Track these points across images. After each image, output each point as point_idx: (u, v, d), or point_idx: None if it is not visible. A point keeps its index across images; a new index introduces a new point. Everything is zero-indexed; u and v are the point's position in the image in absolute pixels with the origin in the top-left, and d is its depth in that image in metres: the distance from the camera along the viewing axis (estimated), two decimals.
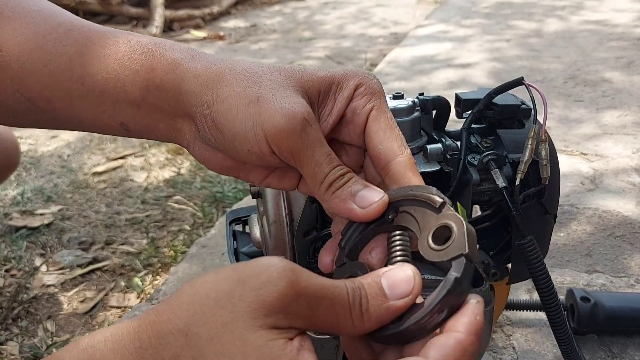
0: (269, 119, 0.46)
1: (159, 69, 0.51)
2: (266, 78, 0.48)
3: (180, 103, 0.51)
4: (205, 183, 1.86)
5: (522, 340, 0.96)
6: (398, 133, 0.49)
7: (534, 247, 0.68)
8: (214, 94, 0.48)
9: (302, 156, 0.47)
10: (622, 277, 1.11)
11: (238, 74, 0.49)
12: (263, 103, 0.46)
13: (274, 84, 0.48)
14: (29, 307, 1.32)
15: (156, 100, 0.51)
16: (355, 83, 0.50)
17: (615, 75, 2.27)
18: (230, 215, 0.87)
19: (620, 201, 1.37)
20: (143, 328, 0.37)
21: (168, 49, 0.52)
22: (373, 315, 0.38)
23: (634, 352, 0.92)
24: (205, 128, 0.50)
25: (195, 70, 0.50)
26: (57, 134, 2.36)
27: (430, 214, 0.43)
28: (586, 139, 1.73)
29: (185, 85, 0.50)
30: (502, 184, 0.69)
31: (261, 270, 0.36)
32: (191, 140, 0.52)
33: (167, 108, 0.51)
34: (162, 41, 0.53)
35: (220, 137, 0.49)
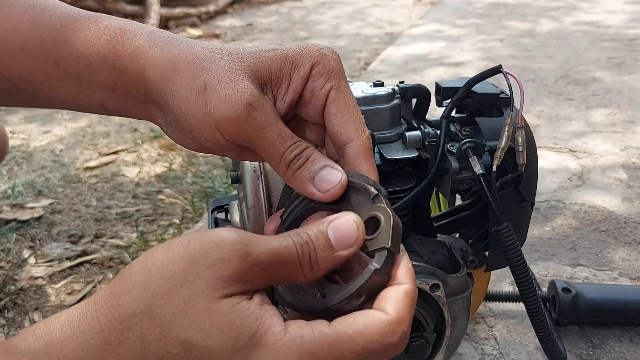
0: (215, 108, 0.46)
1: (124, 56, 0.51)
2: (214, 64, 0.48)
3: (147, 91, 0.51)
4: (196, 178, 1.87)
5: (504, 332, 0.97)
6: (356, 115, 0.48)
7: (510, 234, 0.69)
8: (170, 85, 0.49)
9: (254, 140, 0.47)
10: (605, 270, 1.11)
11: (189, 62, 0.48)
12: (209, 92, 0.47)
13: (221, 69, 0.48)
14: (16, 299, 1.32)
15: (126, 86, 0.52)
16: (311, 62, 0.48)
17: (606, 75, 2.28)
18: (213, 203, 0.88)
19: (606, 197, 1.38)
20: (102, 312, 0.37)
21: (132, 35, 0.51)
22: (322, 266, 0.40)
23: (614, 343, 0.93)
24: (167, 118, 0.51)
25: (155, 59, 0.50)
26: (50, 129, 2.37)
27: (365, 203, 0.45)
28: (575, 136, 1.74)
29: (147, 75, 0.50)
30: (480, 171, 0.69)
31: (211, 247, 0.37)
32: (164, 124, 0.53)
33: (137, 94, 0.52)
34: (127, 25, 0.53)
35: (180, 128, 0.50)
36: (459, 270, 0.71)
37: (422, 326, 0.70)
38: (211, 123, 0.47)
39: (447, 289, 0.70)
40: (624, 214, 1.30)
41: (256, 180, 0.67)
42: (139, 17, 3.83)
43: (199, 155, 2.10)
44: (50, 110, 2.59)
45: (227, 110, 0.46)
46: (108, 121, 2.43)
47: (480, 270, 0.78)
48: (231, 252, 0.37)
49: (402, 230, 0.73)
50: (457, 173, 0.74)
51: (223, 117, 0.46)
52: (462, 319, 0.72)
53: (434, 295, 0.69)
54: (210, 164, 2.00)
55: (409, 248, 0.73)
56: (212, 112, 0.46)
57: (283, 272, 0.39)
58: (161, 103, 0.50)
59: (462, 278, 0.71)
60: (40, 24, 0.52)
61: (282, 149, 0.47)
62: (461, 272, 0.71)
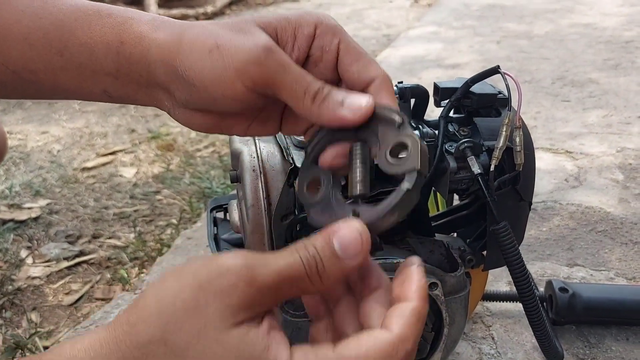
0: (233, 57, 0.48)
1: (127, 42, 0.53)
2: (222, 26, 0.51)
3: (151, 74, 0.53)
4: (194, 179, 1.87)
5: (501, 331, 0.97)
6: (370, 58, 0.51)
7: (508, 233, 0.69)
8: (180, 55, 0.50)
9: (277, 79, 0.48)
10: (602, 270, 1.12)
11: (196, 32, 0.51)
12: (223, 48, 0.49)
13: (230, 29, 0.50)
14: (13, 299, 1.32)
15: (129, 72, 0.53)
16: (314, 23, 0.52)
17: (602, 77, 2.29)
18: (212, 202, 0.88)
19: (603, 197, 1.39)
20: (121, 339, 0.39)
21: (135, 22, 0.53)
22: (330, 277, 0.41)
23: (610, 343, 0.93)
24: (179, 90, 0.52)
25: (159, 40, 0.52)
26: (47, 129, 2.36)
27: (390, 131, 0.47)
28: (572, 137, 1.75)
29: (152, 56, 0.52)
30: (478, 170, 0.70)
31: (218, 274, 0.38)
32: (170, 107, 0.55)
33: (140, 79, 0.53)
34: (129, 13, 0.55)
35: (195, 92, 0.51)
36: (456, 269, 0.72)
37: None
38: (231, 72, 0.48)
39: (445, 288, 0.70)
40: (621, 215, 1.31)
41: (255, 180, 0.68)
42: None
43: (197, 155, 2.10)
44: (48, 111, 2.59)
45: (246, 56, 0.48)
46: (105, 122, 2.43)
47: (478, 270, 0.78)
48: (238, 279, 0.38)
49: (402, 226, 0.73)
50: (455, 173, 0.74)
51: (243, 63, 0.48)
52: (460, 317, 0.73)
53: (432, 294, 0.69)
54: (207, 164, 2.00)
55: (406, 247, 0.74)
56: (231, 62, 0.48)
57: (292, 289, 0.40)
58: (168, 80, 0.52)
59: (460, 277, 0.72)
60: (43, 15, 0.52)
61: (306, 81, 0.48)
62: (459, 271, 0.71)
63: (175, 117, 0.55)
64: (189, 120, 0.55)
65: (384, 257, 0.68)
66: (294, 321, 0.68)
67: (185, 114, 0.54)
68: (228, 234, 0.83)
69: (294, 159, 0.68)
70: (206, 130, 0.55)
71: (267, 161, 0.68)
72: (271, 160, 0.69)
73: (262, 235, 0.68)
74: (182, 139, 2.24)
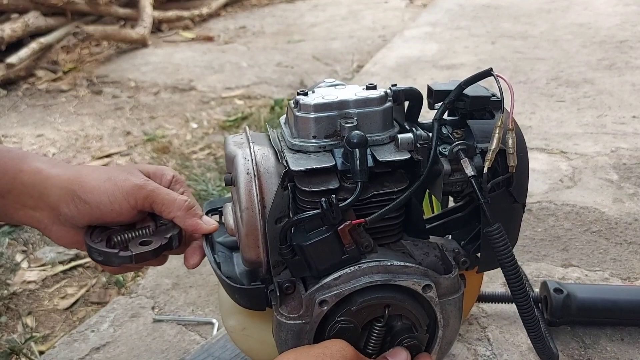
0: (123, 185, 0.74)
1: (26, 172, 0.75)
2: (112, 168, 0.79)
3: (42, 197, 0.75)
4: (190, 181, 1.87)
5: (497, 332, 0.97)
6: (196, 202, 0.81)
7: (501, 235, 0.69)
8: (78, 182, 0.74)
9: (154, 197, 0.75)
10: (597, 270, 1.12)
11: (92, 169, 0.77)
12: (116, 179, 0.75)
13: (118, 170, 0.77)
14: (9, 303, 1.32)
15: (20, 193, 0.75)
16: (172, 174, 0.82)
17: (597, 77, 2.30)
18: (207, 205, 0.88)
19: (597, 198, 1.39)
20: None
21: (34, 159, 0.76)
22: None
23: (605, 343, 0.94)
24: (70, 208, 0.74)
25: (56, 173, 0.75)
26: (43, 132, 2.36)
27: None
28: (566, 138, 1.75)
29: (49, 183, 0.74)
30: (471, 172, 0.70)
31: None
32: (48, 224, 0.76)
33: (28, 202, 0.75)
34: (27, 153, 0.78)
35: (87, 209, 0.74)
36: (451, 271, 0.72)
37: (415, 327, 0.71)
38: (121, 195, 0.74)
39: (440, 290, 0.70)
40: (615, 215, 1.31)
41: (249, 182, 0.67)
42: (132, 20, 3.83)
43: (192, 158, 2.10)
44: (43, 114, 2.58)
45: (133, 184, 0.75)
46: (101, 124, 2.43)
47: (472, 272, 0.78)
48: None
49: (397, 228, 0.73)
50: (449, 175, 0.74)
51: (130, 188, 0.74)
52: (454, 319, 0.73)
53: (426, 297, 0.69)
54: (203, 167, 2.00)
55: (401, 250, 0.74)
56: (121, 188, 0.74)
57: None
58: (61, 201, 0.74)
59: (455, 279, 0.72)
60: None
61: (174, 196, 0.77)
62: (453, 273, 0.72)
63: (48, 233, 0.77)
64: (61, 237, 0.78)
65: (378, 260, 0.69)
66: (288, 324, 0.68)
67: (60, 231, 0.77)
68: (223, 236, 0.83)
69: (288, 161, 0.68)
70: (71, 246, 0.79)
71: (261, 164, 0.68)
72: (265, 163, 0.69)
73: (257, 238, 0.68)
74: (177, 142, 2.24)
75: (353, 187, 0.68)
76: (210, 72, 3.07)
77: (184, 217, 0.76)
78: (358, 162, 0.67)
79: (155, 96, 2.76)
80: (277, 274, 0.70)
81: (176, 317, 1.06)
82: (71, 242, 0.79)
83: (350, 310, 0.67)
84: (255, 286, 0.70)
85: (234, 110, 2.53)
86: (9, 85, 2.90)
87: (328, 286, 0.67)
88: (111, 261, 0.75)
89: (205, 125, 2.40)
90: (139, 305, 1.12)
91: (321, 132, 0.70)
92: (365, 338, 0.71)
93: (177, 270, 1.22)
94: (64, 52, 3.38)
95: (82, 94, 2.83)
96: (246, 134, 0.73)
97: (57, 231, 0.77)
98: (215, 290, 1.05)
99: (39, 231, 0.79)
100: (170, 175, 0.82)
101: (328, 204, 0.66)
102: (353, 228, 0.68)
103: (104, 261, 0.76)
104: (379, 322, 0.70)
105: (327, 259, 0.68)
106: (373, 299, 0.68)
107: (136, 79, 3.00)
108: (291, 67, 3.08)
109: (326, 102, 0.70)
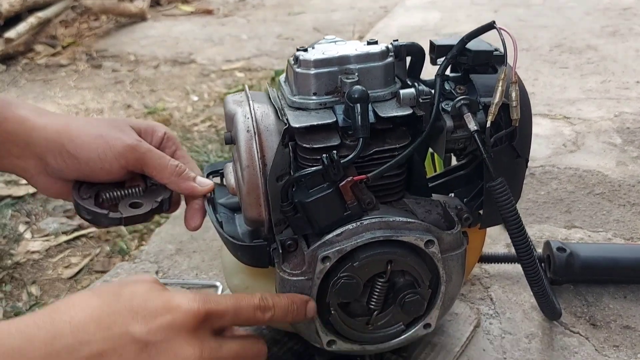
0: (114, 145, 0.72)
1: (11, 120, 0.72)
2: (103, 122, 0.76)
3: (28, 147, 0.72)
4: (191, 152, 1.86)
5: (500, 292, 0.97)
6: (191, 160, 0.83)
7: (504, 189, 0.69)
8: (67, 135, 0.72)
9: (146, 159, 0.73)
10: (600, 231, 1.12)
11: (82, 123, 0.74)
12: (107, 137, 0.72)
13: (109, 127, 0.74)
14: (13, 273, 1.32)
15: (4, 141, 0.72)
16: (164, 130, 0.80)
17: (601, 43, 2.28)
18: (208, 168, 0.87)
19: (601, 161, 1.38)
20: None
21: (19, 107, 0.73)
22: None
23: (608, 301, 0.94)
24: (57, 161, 0.72)
25: (43, 124, 0.72)
26: (43, 106, 2.34)
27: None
28: (570, 103, 1.74)
29: (35, 134, 0.72)
30: (474, 127, 0.69)
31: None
32: (34, 174, 0.75)
33: (14, 150, 0.73)
34: (10, 99, 0.74)
35: (75, 164, 0.72)
36: (453, 227, 0.72)
37: (417, 283, 0.71)
38: (112, 155, 0.72)
39: (442, 246, 0.70)
40: (618, 177, 1.30)
41: (250, 140, 0.67)
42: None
43: (194, 130, 2.09)
44: (43, 88, 2.57)
45: (124, 144, 0.72)
46: (101, 98, 2.42)
47: (475, 229, 0.78)
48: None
49: (397, 190, 0.73)
50: (451, 132, 0.73)
51: (122, 148, 0.72)
52: (457, 275, 0.73)
53: (428, 252, 0.69)
54: (205, 138, 2.00)
55: (404, 207, 0.74)
56: (113, 147, 0.72)
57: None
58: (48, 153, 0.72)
59: (457, 235, 0.72)
60: None
61: (166, 159, 0.75)
62: (456, 229, 0.71)
63: (34, 183, 0.76)
64: (48, 187, 0.76)
65: (380, 216, 0.68)
66: (291, 280, 0.68)
67: (47, 182, 0.75)
68: (225, 198, 0.83)
69: (289, 119, 0.67)
70: (58, 196, 0.78)
71: (261, 122, 0.68)
72: (265, 121, 0.68)
73: (258, 196, 0.68)
74: (178, 114, 2.23)
75: (354, 144, 0.67)
76: (210, 45, 3.04)
77: (177, 182, 0.75)
78: (359, 118, 0.66)
79: (155, 69, 2.74)
80: (279, 232, 0.70)
81: (180, 280, 1.07)
82: (57, 193, 0.77)
83: (352, 266, 0.67)
84: (258, 243, 0.70)
85: (235, 83, 2.52)
86: (8, 61, 2.88)
87: (330, 242, 0.67)
88: (100, 221, 0.74)
89: (205, 98, 2.39)
90: (142, 269, 1.12)
91: (322, 88, 0.70)
92: (368, 294, 0.71)
93: (181, 236, 1.22)
94: (63, 27, 3.35)
95: (82, 68, 2.81)
96: (246, 92, 0.72)
97: (44, 182, 0.76)
98: (219, 255, 1.05)
99: (25, 179, 0.77)
100: (161, 132, 0.79)
101: (329, 160, 0.65)
102: (355, 185, 0.67)
103: (92, 220, 0.74)
104: (382, 278, 0.70)
105: (329, 216, 0.67)
106: (375, 254, 0.68)
107: (136, 52, 2.98)
108: (292, 39, 3.04)
109: (326, 57, 0.69)
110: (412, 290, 0.70)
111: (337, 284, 0.67)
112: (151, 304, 0.56)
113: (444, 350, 0.84)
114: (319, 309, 0.70)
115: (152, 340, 0.54)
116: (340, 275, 0.67)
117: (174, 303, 0.56)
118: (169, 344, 0.54)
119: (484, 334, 0.89)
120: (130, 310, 0.55)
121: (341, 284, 0.67)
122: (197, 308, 0.57)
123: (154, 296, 0.57)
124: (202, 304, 0.57)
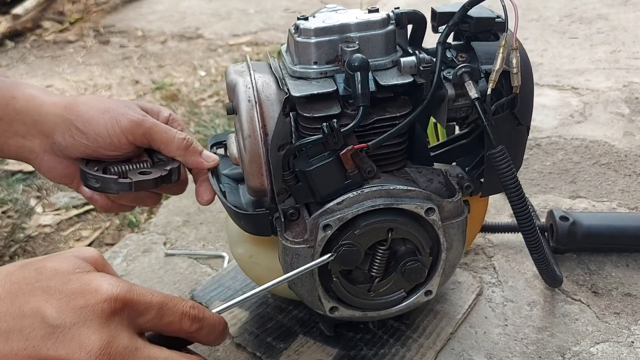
0: (121, 119, 0.73)
1: (19, 98, 0.73)
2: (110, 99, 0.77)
3: (36, 124, 0.73)
4: (199, 127, 1.87)
5: (502, 261, 0.98)
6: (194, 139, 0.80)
7: (505, 157, 0.69)
8: (75, 111, 0.73)
9: (152, 133, 0.74)
10: (604, 201, 1.12)
11: (89, 98, 0.75)
12: (114, 112, 0.73)
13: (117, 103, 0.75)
14: (25, 246, 1.35)
15: (13, 120, 0.73)
16: (169, 112, 0.81)
17: (612, 13, 2.24)
18: (212, 139, 0.88)
19: (608, 131, 1.37)
20: None
21: (24, 86, 0.75)
22: None
23: (610, 269, 0.94)
24: (65, 137, 0.73)
25: (51, 101, 0.74)
26: (52, 82, 2.36)
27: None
28: (578, 74, 1.72)
29: (44, 110, 0.73)
30: (475, 95, 0.69)
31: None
32: (40, 153, 0.76)
33: (21, 128, 0.74)
34: (19, 81, 0.76)
35: (83, 139, 0.73)
36: (454, 195, 0.72)
37: (418, 250, 0.71)
38: (119, 129, 0.72)
39: (443, 214, 0.71)
40: (625, 148, 1.30)
41: (251, 110, 0.68)
42: None
43: (201, 105, 2.09)
44: (51, 65, 2.58)
45: (131, 119, 0.73)
46: (109, 74, 2.42)
47: (476, 197, 0.79)
48: None
49: (398, 159, 0.73)
50: (453, 100, 0.73)
51: (129, 122, 0.73)
52: (458, 243, 0.74)
53: (429, 220, 0.70)
54: (212, 113, 2.00)
55: (405, 176, 0.74)
56: (119, 121, 0.72)
57: None
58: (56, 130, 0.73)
59: (458, 202, 0.72)
60: None
61: (173, 132, 0.76)
62: (456, 197, 0.72)
63: (39, 163, 0.76)
64: (52, 167, 0.77)
65: (380, 184, 0.69)
66: (293, 248, 0.69)
67: (52, 162, 0.76)
68: (229, 169, 0.83)
69: (289, 88, 0.67)
70: (61, 179, 0.78)
71: (262, 91, 0.68)
72: (266, 90, 0.69)
73: (260, 166, 0.69)
74: (186, 89, 2.23)
75: (355, 113, 0.67)
76: (217, 20, 3.02)
77: (184, 155, 0.76)
78: (360, 86, 0.66)
79: (163, 45, 2.74)
80: (281, 201, 0.71)
81: (187, 251, 1.08)
82: (61, 175, 0.77)
83: (353, 233, 0.68)
84: (260, 212, 0.71)
85: (242, 58, 2.51)
86: (16, 37, 2.89)
87: (331, 210, 0.68)
88: (109, 187, 0.72)
89: (213, 73, 2.39)
90: (150, 241, 1.14)
91: (322, 57, 0.70)
92: (370, 261, 0.72)
93: (188, 208, 1.23)
94: (70, 3, 3.34)
95: (90, 44, 2.82)
96: (247, 62, 0.73)
97: (49, 161, 0.76)
98: (225, 226, 1.06)
99: (30, 163, 0.77)
100: (166, 113, 0.81)
101: (330, 129, 0.66)
102: (355, 153, 0.68)
103: (101, 187, 0.73)
104: (383, 246, 0.71)
105: (330, 184, 0.68)
106: (376, 222, 0.68)
107: (143, 28, 2.97)
108: (299, 13, 3.02)
109: (327, 26, 0.69)
110: (413, 258, 0.71)
111: (339, 251, 0.68)
112: (69, 285, 0.50)
113: (446, 317, 0.85)
114: (321, 277, 0.71)
115: (60, 324, 0.48)
116: (342, 243, 0.68)
117: (92, 286, 0.50)
118: (77, 330, 0.48)
119: (486, 302, 0.90)
120: (45, 291, 0.50)
121: (343, 251, 0.68)
122: (115, 294, 0.50)
123: (75, 277, 0.51)
124: (123, 291, 0.51)
